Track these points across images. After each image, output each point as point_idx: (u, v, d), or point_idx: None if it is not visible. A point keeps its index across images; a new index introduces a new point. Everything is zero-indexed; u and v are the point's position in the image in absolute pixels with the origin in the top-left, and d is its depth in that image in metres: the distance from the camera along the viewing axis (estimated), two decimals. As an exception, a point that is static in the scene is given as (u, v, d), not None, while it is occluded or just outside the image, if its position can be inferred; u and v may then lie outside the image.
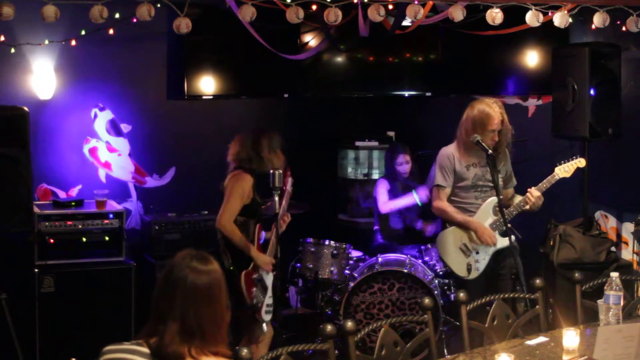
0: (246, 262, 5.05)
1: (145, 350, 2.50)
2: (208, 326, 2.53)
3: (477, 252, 5.27)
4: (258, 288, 5.04)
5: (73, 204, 5.81)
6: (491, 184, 5.21)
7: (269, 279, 5.11)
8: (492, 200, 5.21)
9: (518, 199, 5.35)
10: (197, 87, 6.24)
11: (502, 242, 5.17)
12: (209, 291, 2.55)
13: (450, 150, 5.33)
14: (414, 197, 6.51)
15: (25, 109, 5.04)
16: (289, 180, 5.15)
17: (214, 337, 2.54)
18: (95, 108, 6.20)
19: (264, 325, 5.11)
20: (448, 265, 5.43)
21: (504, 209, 5.06)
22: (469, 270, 5.26)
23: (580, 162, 5.33)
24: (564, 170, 5.31)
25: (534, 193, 5.21)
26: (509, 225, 5.10)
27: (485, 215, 5.24)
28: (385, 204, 6.53)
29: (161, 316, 2.52)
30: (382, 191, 6.57)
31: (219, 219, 5.02)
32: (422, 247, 6.29)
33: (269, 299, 5.11)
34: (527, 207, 5.25)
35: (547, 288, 4.95)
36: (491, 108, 5.20)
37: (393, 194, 6.56)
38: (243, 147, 5.14)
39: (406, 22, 6.14)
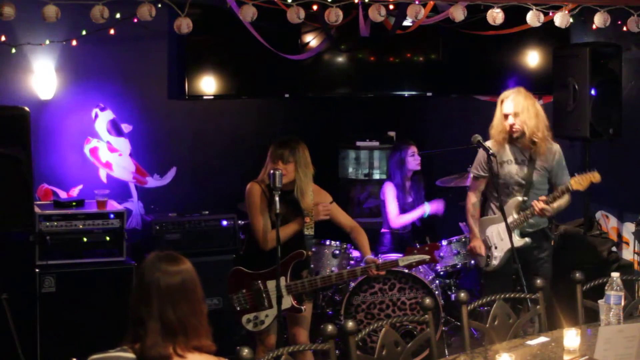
0: (251, 262, 4.80)
1: (131, 355, 2.51)
2: (189, 321, 2.54)
3: (495, 247, 5.26)
4: (252, 297, 4.69)
5: (74, 204, 5.81)
6: (523, 182, 5.16)
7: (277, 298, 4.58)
8: (515, 199, 5.17)
9: (559, 193, 5.17)
10: (197, 87, 6.25)
11: (518, 243, 5.12)
12: (184, 288, 2.57)
13: (487, 144, 5.18)
14: (425, 208, 6.44)
15: (26, 109, 5.04)
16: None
17: (196, 330, 2.56)
18: (96, 108, 6.19)
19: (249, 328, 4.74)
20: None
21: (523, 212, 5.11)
22: (487, 262, 5.28)
23: (595, 177, 5.12)
24: (579, 182, 5.12)
25: (538, 205, 5.09)
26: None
27: (508, 212, 5.13)
28: (397, 218, 6.41)
29: (140, 320, 2.53)
30: (390, 199, 6.42)
31: None
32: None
33: (263, 315, 4.68)
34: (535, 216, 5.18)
35: (548, 288, 4.95)
36: (507, 92, 5.16)
37: (402, 199, 6.47)
38: None
39: (407, 22, 6.15)
